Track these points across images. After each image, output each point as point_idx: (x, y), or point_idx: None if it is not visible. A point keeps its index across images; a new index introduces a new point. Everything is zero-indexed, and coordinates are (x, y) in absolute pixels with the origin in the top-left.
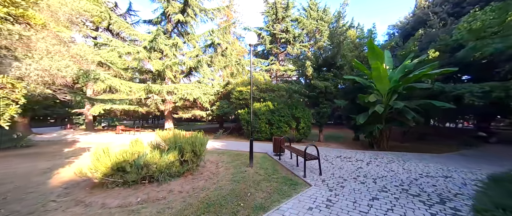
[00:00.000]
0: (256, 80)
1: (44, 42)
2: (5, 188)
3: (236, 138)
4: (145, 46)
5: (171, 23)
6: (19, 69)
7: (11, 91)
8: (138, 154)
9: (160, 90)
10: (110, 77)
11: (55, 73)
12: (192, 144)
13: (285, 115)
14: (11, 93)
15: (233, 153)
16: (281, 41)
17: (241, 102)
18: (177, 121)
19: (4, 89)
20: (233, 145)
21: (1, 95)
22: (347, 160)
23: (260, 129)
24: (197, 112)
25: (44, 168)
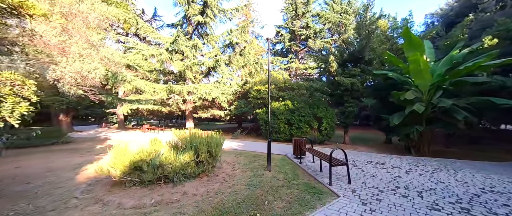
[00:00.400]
0: (274, 78)
1: (77, 46)
2: (40, 182)
3: (254, 138)
4: (167, 48)
5: (192, 25)
6: (55, 72)
7: (21, 88)
8: (155, 153)
9: (180, 91)
10: (136, 79)
11: (85, 75)
12: (208, 144)
13: (306, 115)
14: (21, 90)
15: (250, 154)
16: (301, 38)
17: (259, 102)
18: (198, 121)
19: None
20: (251, 145)
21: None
22: (380, 167)
23: (279, 129)
24: (216, 111)
25: (75, 163)
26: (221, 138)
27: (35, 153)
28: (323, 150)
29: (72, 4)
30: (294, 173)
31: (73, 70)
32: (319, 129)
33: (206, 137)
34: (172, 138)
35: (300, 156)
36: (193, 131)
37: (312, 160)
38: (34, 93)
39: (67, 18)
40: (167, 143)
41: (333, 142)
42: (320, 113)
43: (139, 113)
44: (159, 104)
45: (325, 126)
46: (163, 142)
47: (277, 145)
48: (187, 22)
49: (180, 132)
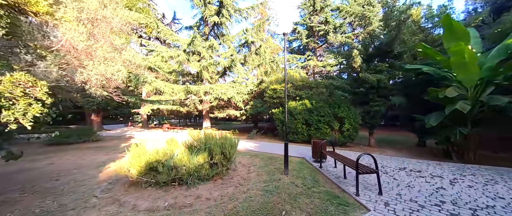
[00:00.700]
0: (291, 77)
1: (102, 50)
2: (67, 179)
3: (270, 139)
4: (184, 50)
5: (208, 27)
6: (82, 75)
7: (33, 90)
8: (170, 154)
9: (197, 91)
10: (156, 80)
11: (109, 77)
12: (221, 146)
13: (326, 115)
14: (33, 91)
15: (266, 155)
16: (319, 34)
17: (275, 101)
18: (214, 120)
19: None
20: (267, 146)
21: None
22: (417, 175)
23: (296, 130)
24: (231, 111)
25: (100, 161)
26: (236, 139)
27: (68, 149)
28: (345, 153)
29: (97, 10)
30: (314, 178)
31: (98, 72)
32: (340, 130)
33: (220, 138)
34: (187, 139)
35: (320, 160)
36: (208, 132)
37: (334, 165)
38: (46, 95)
39: (93, 23)
40: (183, 143)
41: (356, 144)
42: (342, 112)
43: (160, 112)
44: (178, 104)
45: (347, 127)
46: (179, 142)
47: (295, 147)
48: (204, 23)
49: (194, 132)
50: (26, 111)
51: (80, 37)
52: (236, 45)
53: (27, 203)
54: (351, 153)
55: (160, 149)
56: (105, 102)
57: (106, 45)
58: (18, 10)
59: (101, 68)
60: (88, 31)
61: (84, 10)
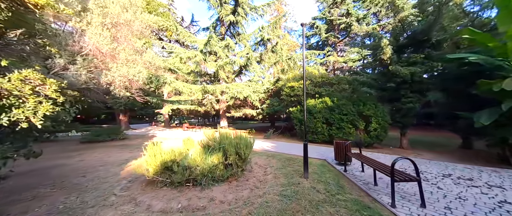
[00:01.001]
0: (309, 73)
1: (124, 53)
2: (93, 175)
3: (287, 139)
4: (201, 50)
5: (224, 26)
6: (107, 76)
7: (43, 87)
8: (185, 153)
9: (214, 90)
10: (175, 81)
11: (131, 78)
12: (236, 146)
13: (349, 113)
14: (43, 89)
15: (284, 156)
16: (340, 28)
17: (293, 99)
18: (231, 120)
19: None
20: (284, 146)
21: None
22: (467, 184)
23: (316, 130)
24: (248, 110)
25: (124, 159)
26: (251, 138)
27: (98, 147)
28: (373, 156)
29: (119, 14)
30: (338, 184)
31: (121, 74)
32: (366, 130)
33: (234, 137)
34: (202, 138)
35: (344, 163)
36: (223, 131)
37: (360, 168)
38: (57, 93)
39: (115, 27)
40: (199, 142)
41: (385, 145)
42: (368, 110)
43: (180, 112)
44: (196, 104)
45: (374, 126)
46: (195, 141)
47: (314, 147)
48: (220, 23)
49: (209, 132)
50: (37, 109)
51: (105, 40)
52: (252, 44)
53: (54, 199)
54: (380, 156)
55: (175, 149)
56: (131, 103)
57: (128, 48)
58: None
59: (123, 70)
60: (111, 35)
61: (108, 15)
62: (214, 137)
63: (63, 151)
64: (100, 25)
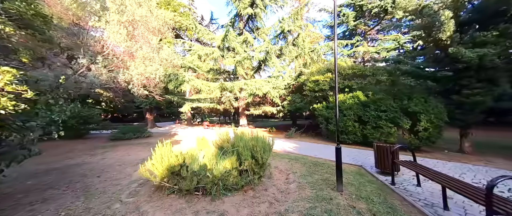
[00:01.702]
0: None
1: (141, 51)
2: (107, 176)
3: (311, 139)
4: (219, 46)
5: (243, 21)
6: (124, 75)
7: None
8: (196, 155)
9: (232, 87)
10: (194, 79)
11: (148, 76)
12: (252, 149)
13: (389, 109)
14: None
15: (308, 160)
16: (372, 14)
17: (317, 95)
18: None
19: None
20: (308, 148)
21: None
22: None
23: (346, 129)
24: (267, 108)
25: (141, 158)
26: (271, 139)
27: (122, 145)
28: (428, 163)
29: (135, 10)
30: (387, 203)
31: (139, 72)
32: (412, 130)
33: (251, 138)
34: (216, 138)
35: (392, 172)
36: (239, 131)
37: (414, 181)
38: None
39: (132, 25)
40: (213, 142)
41: (436, 149)
42: (415, 106)
43: (201, 110)
44: (215, 102)
45: (424, 125)
46: (210, 141)
47: (345, 150)
48: (239, 19)
49: (224, 131)
50: None
51: (121, 38)
52: (271, 37)
53: (61, 203)
54: (438, 164)
55: (185, 151)
56: (156, 102)
57: (145, 46)
58: None
59: (140, 68)
60: (128, 33)
61: (125, 12)
62: (227, 137)
63: (92, 148)
64: (117, 23)
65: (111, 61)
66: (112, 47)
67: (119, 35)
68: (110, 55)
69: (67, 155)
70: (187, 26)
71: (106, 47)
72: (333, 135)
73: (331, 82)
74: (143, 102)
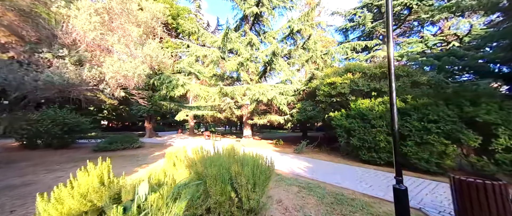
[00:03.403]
0: (358, 65)
1: (119, 44)
2: (23, 210)
3: (326, 155)
4: (219, 47)
5: (249, 24)
6: (90, 71)
7: None
8: (132, 190)
9: (233, 93)
10: (189, 83)
11: (125, 74)
12: (235, 178)
13: (442, 119)
14: None
15: (328, 190)
16: (394, 11)
17: (334, 101)
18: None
19: None
20: (325, 169)
21: None
22: None
23: (376, 145)
24: (273, 117)
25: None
26: (269, 160)
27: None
28: None
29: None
30: None
31: (114, 70)
32: (484, 149)
33: (237, 160)
34: (187, 156)
35: None
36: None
37: None
38: None
39: (109, 13)
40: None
41: None
42: (488, 114)
43: (204, 119)
44: (216, 110)
45: (505, 143)
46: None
47: (372, 172)
48: (245, 21)
49: (197, 147)
50: None
51: (90, 26)
52: (279, 40)
53: None
54: None
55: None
56: (153, 110)
57: (124, 39)
58: None
59: (116, 65)
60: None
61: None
62: (200, 156)
63: (65, 161)
64: (88, 9)
65: (85, 57)
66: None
67: (87, 23)
68: (83, 49)
69: (27, 170)
70: (189, 30)
71: (80, 41)
72: (356, 151)
73: (352, 85)
74: (141, 109)
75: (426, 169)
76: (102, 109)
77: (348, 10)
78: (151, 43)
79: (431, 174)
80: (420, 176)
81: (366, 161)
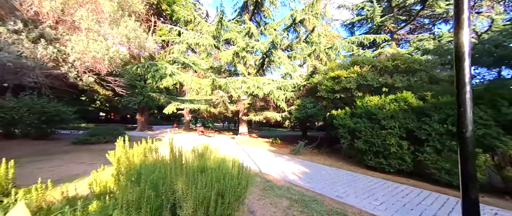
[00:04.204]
0: (365, 58)
1: (87, 21)
2: None
3: (326, 158)
4: (213, 35)
5: (249, 14)
6: (46, 49)
7: None
8: None
9: (226, 85)
10: (179, 73)
11: (93, 56)
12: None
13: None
14: None
15: (328, 207)
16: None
17: (337, 97)
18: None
19: None
20: (324, 175)
21: None
22: None
23: (386, 150)
24: (270, 113)
25: (75, 174)
26: (248, 169)
27: (82, 150)
28: None
29: None
30: None
31: (79, 50)
32: None
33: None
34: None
35: None
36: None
37: None
38: None
39: None
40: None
41: None
42: None
43: (200, 114)
44: (208, 104)
45: None
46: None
47: (381, 183)
48: (244, 11)
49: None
50: None
51: None
52: (280, 30)
53: None
54: None
55: None
56: (145, 102)
57: (94, 14)
58: None
59: (81, 44)
60: None
61: None
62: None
63: (33, 154)
64: None
65: (49, 34)
66: (45, 14)
67: None
68: (47, 25)
69: None
70: (185, 17)
71: (44, 15)
72: (361, 155)
73: (360, 79)
74: (131, 101)
75: (448, 182)
76: (95, 99)
77: (355, 3)
78: (127, 22)
79: (454, 188)
80: (440, 190)
81: (372, 167)
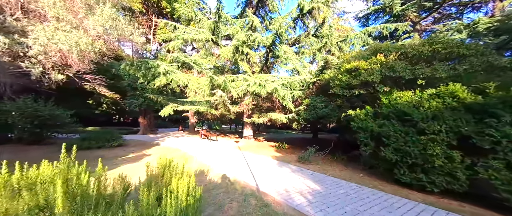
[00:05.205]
0: (390, 45)
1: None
2: None
3: (342, 168)
4: (212, 30)
5: (252, 8)
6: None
7: None
8: None
9: (224, 83)
10: (174, 71)
11: (61, 48)
12: None
13: None
14: None
15: None
16: None
17: (356, 93)
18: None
19: None
20: (341, 196)
21: None
22: None
23: (427, 161)
24: (274, 115)
25: None
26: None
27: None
28: None
29: None
30: None
31: (43, 42)
32: None
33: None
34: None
35: None
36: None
37: None
38: None
39: None
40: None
41: None
42: None
43: (203, 116)
44: (209, 105)
45: None
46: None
47: (429, 212)
48: (248, 5)
49: None
50: None
51: None
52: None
53: None
54: None
55: None
56: (146, 104)
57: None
58: None
59: (42, 34)
60: None
61: None
62: None
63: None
64: None
65: (13, 26)
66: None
67: None
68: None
69: None
70: (186, 15)
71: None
72: (389, 167)
73: (385, 70)
74: (132, 103)
75: None
76: (101, 102)
77: None
78: (103, 11)
79: None
80: None
81: (406, 184)
